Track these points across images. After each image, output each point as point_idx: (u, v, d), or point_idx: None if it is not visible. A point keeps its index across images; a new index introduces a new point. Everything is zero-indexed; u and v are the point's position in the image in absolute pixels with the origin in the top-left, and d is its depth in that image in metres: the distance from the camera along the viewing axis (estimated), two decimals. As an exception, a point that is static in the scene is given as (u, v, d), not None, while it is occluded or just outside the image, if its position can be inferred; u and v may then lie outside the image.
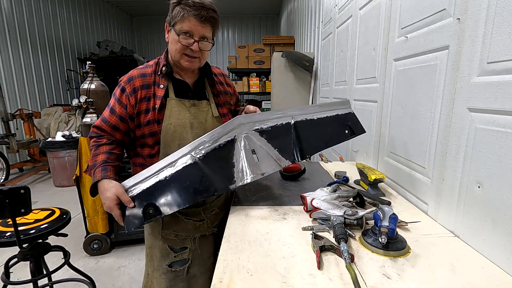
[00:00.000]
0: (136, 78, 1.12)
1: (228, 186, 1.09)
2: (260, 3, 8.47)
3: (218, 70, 1.33)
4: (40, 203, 3.83)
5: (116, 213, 0.99)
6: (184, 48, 1.08)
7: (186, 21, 1.05)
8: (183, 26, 1.06)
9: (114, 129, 1.14)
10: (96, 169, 1.06)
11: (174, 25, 1.07)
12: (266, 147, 1.14)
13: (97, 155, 1.10)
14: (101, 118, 1.16)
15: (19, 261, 1.60)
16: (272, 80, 4.09)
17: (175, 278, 1.22)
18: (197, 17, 1.04)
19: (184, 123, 1.13)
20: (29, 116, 5.00)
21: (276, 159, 1.14)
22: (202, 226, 1.24)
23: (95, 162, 1.09)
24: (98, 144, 1.14)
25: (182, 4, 1.04)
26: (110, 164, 1.08)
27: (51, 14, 6.48)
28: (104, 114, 1.16)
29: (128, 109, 1.11)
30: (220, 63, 9.68)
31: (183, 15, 1.04)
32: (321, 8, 3.31)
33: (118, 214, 0.99)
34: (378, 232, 0.88)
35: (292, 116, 1.20)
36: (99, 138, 1.15)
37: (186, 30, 1.06)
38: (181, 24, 1.06)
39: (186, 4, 1.03)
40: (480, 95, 0.90)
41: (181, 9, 1.04)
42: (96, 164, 1.08)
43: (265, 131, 1.15)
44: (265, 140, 1.14)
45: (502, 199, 0.81)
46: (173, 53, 1.12)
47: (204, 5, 1.05)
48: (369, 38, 1.80)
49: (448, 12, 1.05)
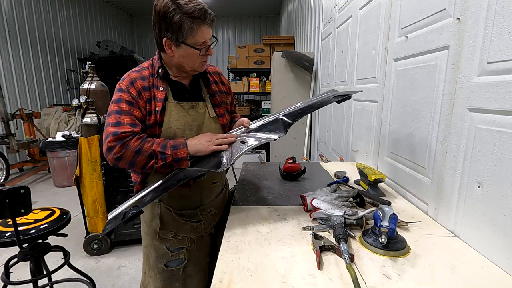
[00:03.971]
0: (137, 80, 1.10)
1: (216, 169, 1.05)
2: (260, 3, 8.46)
3: (212, 68, 1.31)
4: (40, 203, 3.82)
5: (226, 141, 1.10)
6: (203, 57, 1.09)
7: (199, 32, 1.03)
8: (197, 38, 1.03)
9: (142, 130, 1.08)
10: (171, 143, 1.05)
11: (185, 40, 1.03)
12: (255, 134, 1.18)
13: (154, 141, 1.04)
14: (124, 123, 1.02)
15: (19, 261, 1.60)
16: (272, 80, 4.09)
17: (170, 277, 1.22)
18: (206, 24, 1.03)
19: (183, 126, 1.13)
20: (29, 116, 4.99)
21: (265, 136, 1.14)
22: (199, 227, 1.24)
23: (162, 142, 1.04)
24: (144, 138, 1.04)
25: (189, 18, 0.99)
26: None
27: (51, 14, 6.48)
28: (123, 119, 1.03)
29: (142, 111, 1.08)
30: (220, 63, 9.67)
31: (195, 29, 1.01)
32: (321, 8, 3.30)
33: (228, 141, 1.11)
34: (378, 232, 0.88)
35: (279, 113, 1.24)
36: (137, 135, 1.03)
37: (202, 41, 1.05)
38: (194, 37, 1.03)
39: (194, 16, 0.99)
40: (480, 95, 0.90)
41: (191, 23, 1.00)
42: (165, 143, 1.05)
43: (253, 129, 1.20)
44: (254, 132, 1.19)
45: (502, 199, 0.81)
46: (189, 65, 1.10)
47: (203, 7, 1.02)
48: (369, 38, 1.80)
49: (448, 12, 1.05)
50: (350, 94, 1.26)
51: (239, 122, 1.25)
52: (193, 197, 1.21)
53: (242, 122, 1.24)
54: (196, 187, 1.20)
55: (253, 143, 1.10)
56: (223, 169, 1.02)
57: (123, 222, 0.94)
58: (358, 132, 2.03)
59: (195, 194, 1.21)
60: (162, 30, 1.02)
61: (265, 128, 1.19)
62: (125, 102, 1.06)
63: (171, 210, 1.18)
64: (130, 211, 0.95)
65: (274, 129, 1.16)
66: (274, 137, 1.11)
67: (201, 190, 1.22)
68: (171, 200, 1.18)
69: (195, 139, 1.10)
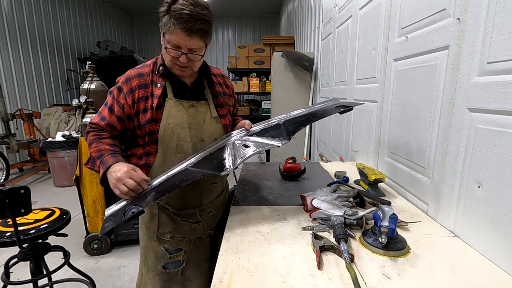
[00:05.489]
0: (134, 78, 1.12)
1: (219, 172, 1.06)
2: (260, 3, 8.46)
3: (217, 70, 1.32)
4: (40, 203, 3.82)
5: (131, 184, 0.95)
6: (174, 59, 1.07)
7: (173, 34, 1.00)
8: (171, 38, 1.02)
9: (111, 127, 1.14)
10: (104, 157, 1.04)
11: (164, 34, 1.04)
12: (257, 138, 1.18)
13: (101, 146, 1.08)
14: (99, 115, 1.15)
15: (19, 261, 1.60)
16: (272, 80, 4.09)
17: (169, 280, 1.21)
18: (184, 30, 0.98)
19: (182, 124, 1.13)
20: (29, 116, 4.99)
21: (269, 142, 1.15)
22: (198, 228, 1.23)
23: (101, 152, 1.06)
24: (101, 137, 1.11)
25: (169, 15, 0.98)
26: (119, 154, 1.07)
27: (51, 14, 6.48)
28: (102, 112, 1.15)
29: (125, 109, 1.11)
30: (220, 63, 9.67)
31: (170, 27, 0.99)
32: (321, 8, 3.31)
33: (133, 184, 0.95)
34: (378, 232, 0.88)
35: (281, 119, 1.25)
36: (99, 131, 1.13)
37: (173, 43, 1.03)
38: (169, 35, 1.02)
39: (173, 16, 0.97)
40: (480, 95, 0.90)
41: (168, 20, 0.98)
42: (104, 153, 1.05)
43: (255, 133, 1.20)
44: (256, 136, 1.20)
45: (502, 199, 0.82)
46: (166, 61, 1.11)
47: (193, 15, 0.97)
48: (369, 38, 1.80)
49: (448, 12, 1.05)
50: (353, 105, 1.27)
51: (241, 124, 1.26)
52: (192, 196, 1.21)
53: (243, 124, 1.24)
54: (195, 186, 1.19)
55: (256, 149, 1.11)
56: (226, 173, 1.03)
57: (124, 222, 0.92)
58: (358, 132, 2.03)
59: (194, 193, 1.21)
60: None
61: (267, 132, 1.19)
62: (112, 97, 1.14)
63: (168, 210, 1.18)
64: (130, 209, 0.93)
65: (277, 135, 1.16)
66: (277, 144, 1.12)
67: (200, 189, 1.21)
68: (169, 200, 1.18)
69: (117, 168, 0.99)
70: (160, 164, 1.13)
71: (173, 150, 1.12)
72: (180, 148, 1.13)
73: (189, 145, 1.14)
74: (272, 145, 1.13)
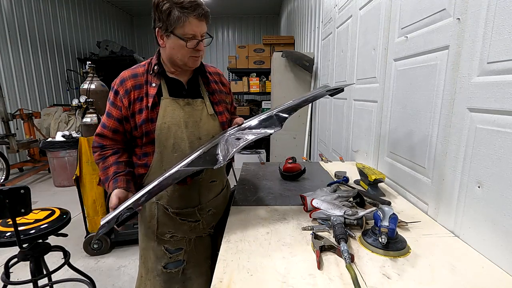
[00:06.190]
0: (128, 80, 1.12)
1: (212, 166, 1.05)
2: (260, 3, 8.46)
3: (213, 69, 1.32)
4: (40, 203, 3.82)
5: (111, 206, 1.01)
6: (192, 51, 1.08)
7: (187, 25, 1.03)
8: (186, 30, 1.03)
9: (115, 132, 1.14)
10: (109, 183, 1.09)
11: (174, 30, 1.04)
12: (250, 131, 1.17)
13: (107, 168, 1.12)
14: (101, 124, 1.17)
15: (19, 261, 1.60)
16: (272, 80, 4.09)
17: (170, 280, 1.21)
18: (196, 17, 1.03)
19: (178, 122, 1.13)
20: (29, 116, 4.99)
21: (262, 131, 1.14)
22: (198, 227, 1.23)
23: (107, 175, 1.11)
24: (105, 157, 1.14)
25: (178, 8, 1.01)
26: (121, 175, 1.10)
27: (51, 14, 6.48)
28: (103, 120, 1.17)
29: (122, 111, 1.12)
30: (220, 63, 9.67)
31: (182, 20, 1.02)
32: (321, 8, 3.30)
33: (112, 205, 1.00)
34: (378, 232, 0.88)
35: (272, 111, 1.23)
36: (102, 150, 1.16)
37: (191, 34, 1.05)
38: (182, 28, 1.03)
39: (183, 6, 1.01)
40: (480, 95, 0.90)
41: (179, 13, 1.01)
42: (109, 177, 1.10)
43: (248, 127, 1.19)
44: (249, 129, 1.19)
45: (502, 199, 0.82)
46: (179, 57, 1.10)
47: (197, 1, 1.03)
48: (369, 38, 1.80)
49: (448, 12, 1.05)
50: (342, 87, 1.27)
51: (234, 122, 1.26)
52: (191, 195, 1.20)
53: (236, 121, 1.25)
54: (194, 185, 1.19)
55: (249, 138, 1.10)
56: (219, 166, 1.02)
57: (117, 225, 0.94)
58: (358, 132, 2.03)
59: (193, 192, 1.20)
60: (156, 20, 1.07)
61: (260, 125, 1.19)
62: (110, 103, 1.15)
63: (168, 209, 1.18)
64: (124, 213, 0.95)
65: (269, 125, 1.16)
66: (270, 131, 1.11)
67: (199, 188, 1.21)
68: (168, 199, 1.18)
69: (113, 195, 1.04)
70: (158, 164, 1.13)
71: (170, 149, 1.12)
72: (177, 146, 1.13)
73: (186, 143, 1.13)
74: (264, 133, 1.12)
